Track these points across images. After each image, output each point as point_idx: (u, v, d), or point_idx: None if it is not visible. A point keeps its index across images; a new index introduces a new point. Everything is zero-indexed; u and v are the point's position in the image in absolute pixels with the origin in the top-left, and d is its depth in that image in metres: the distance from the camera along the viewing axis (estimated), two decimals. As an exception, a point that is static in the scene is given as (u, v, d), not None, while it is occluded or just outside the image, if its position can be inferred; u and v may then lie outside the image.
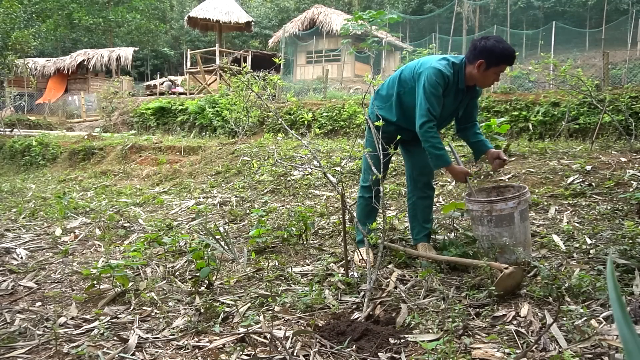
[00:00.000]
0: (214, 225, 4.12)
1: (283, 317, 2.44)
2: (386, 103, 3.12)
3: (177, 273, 3.25)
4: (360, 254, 3.07)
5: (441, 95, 2.83)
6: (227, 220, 4.61)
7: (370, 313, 2.42)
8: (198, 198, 5.69)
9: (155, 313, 2.61)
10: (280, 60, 3.78)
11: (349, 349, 2.07)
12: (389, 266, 3.04)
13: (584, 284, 2.42)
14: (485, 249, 2.84)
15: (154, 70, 29.26)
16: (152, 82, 21.24)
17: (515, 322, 2.23)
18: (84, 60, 22.02)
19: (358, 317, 2.38)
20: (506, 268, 2.47)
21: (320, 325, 2.31)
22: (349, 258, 2.92)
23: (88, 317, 2.61)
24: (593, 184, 4.18)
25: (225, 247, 3.50)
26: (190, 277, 3.13)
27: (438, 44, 18.74)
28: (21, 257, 3.80)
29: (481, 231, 2.88)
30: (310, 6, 24.94)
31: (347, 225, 3.11)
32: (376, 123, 2.93)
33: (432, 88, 2.79)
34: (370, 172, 3.12)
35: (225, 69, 15.35)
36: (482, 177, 4.90)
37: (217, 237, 3.55)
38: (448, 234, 3.42)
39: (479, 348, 2.03)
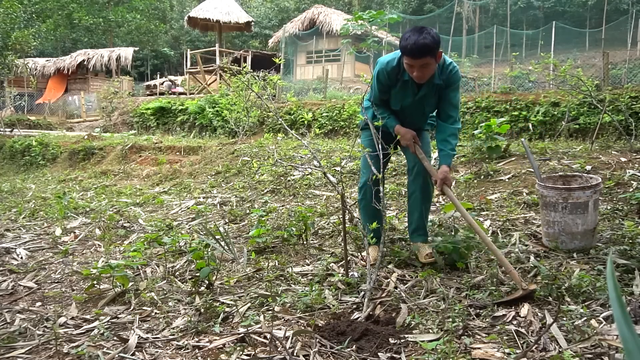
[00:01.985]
0: (214, 225, 4.12)
1: (283, 317, 2.44)
2: None
3: (177, 273, 3.25)
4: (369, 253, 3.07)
5: (383, 86, 2.94)
6: (227, 220, 4.61)
7: (370, 313, 2.42)
8: (198, 198, 5.69)
9: (155, 313, 2.61)
10: (280, 60, 3.76)
11: (349, 349, 2.07)
12: (389, 266, 3.04)
13: (584, 284, 2.42)
14: (551, 234, 3.03)
15: (154, 70, 29.25)
16: (152, 82, 21.25)
17: (515, 322, 2.23)
18: (84, 60, 22.03)
19: (358, 317, 2.38)
20: (524, 289, 2.39)
21: (320, 325, 2.31)
22: (349, 258, 2.92)
23: (88, 317, 2.61)
24: (593, 184, 4.18)
25: (225, 247, 3.50)
26: (190, 277, 3.13)
27: (438, 44, 18.61)
28: (21, 257, 3.80)
29: (553, 217, 3.01)
30: (310, 6, 24.94)
31: (347, 225, 3.11)
32: (376, 123, 2.94)
33: (374, 79, 2.98)
34: (364, 173, 3.12)
35: (225, 69, 15.35)
36: (482, 177, 4.90)
37: (217, 237, 3.55)
38: (449, 233, 3.41)
39: (479, 348, 2.03)
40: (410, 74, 2.77)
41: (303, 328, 2.31)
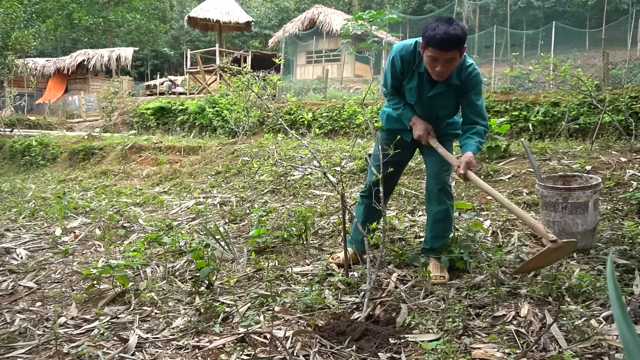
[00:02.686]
0: (214, 225, 4.12)
1: (283, 317, 2.44)
2: None
3: (177, 273, 3.25)
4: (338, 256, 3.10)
5: (396, 72, 2.74)
6: (227, 220, 4.61)
7: (370, 313, 2.42)
8: (198, 198, 5.69)
9: (155, 313, 2.61)
10: (280, 60, 3.77)
11: (349, 349, 2.07)
12: (389, 266, 3.04)
13: (584, 284, 2.42)
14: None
15: (154, 70, 29.26)
16: (152, 82, 21.26)
17: (515, 322, 2.23)
18: (84, 60, 22.05)
19: (358, 317, 2.38)
20: (554, 241, 2.21)
21: (320, 325, 2.31)
22: (348, 259, 2.92)
23: (88, 317, 2.61)
24: (593, 184, 4.17)
25: (225, 247, 3.50)
26: (190, 277, 3.13)
27: (438, 44, 18.58)
28: (21, 257, 3.80)
29: (553, 217, 3.01)
30: (310, 6, 24.96)
31: (347, 225, 3.11)
32: (377, 124, 2.93)
33: (388, 66, 2.79)
34: (370, 173, 3.09)
35: (225, 69, 15.35)
36: (482, 177, 4.90)
37: (217, 237, 3.55)
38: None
39: (479, 348, 2.03)
40: (430, 69, 2.51)
41: (303, 328, 2.31)
